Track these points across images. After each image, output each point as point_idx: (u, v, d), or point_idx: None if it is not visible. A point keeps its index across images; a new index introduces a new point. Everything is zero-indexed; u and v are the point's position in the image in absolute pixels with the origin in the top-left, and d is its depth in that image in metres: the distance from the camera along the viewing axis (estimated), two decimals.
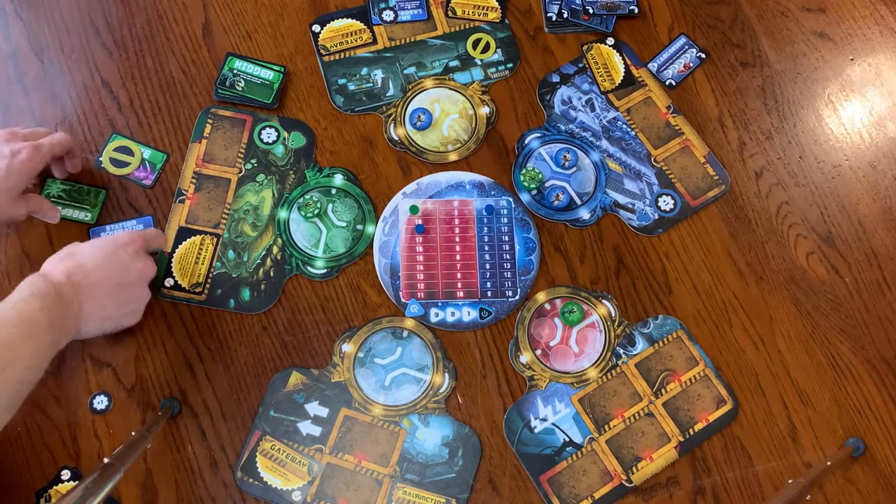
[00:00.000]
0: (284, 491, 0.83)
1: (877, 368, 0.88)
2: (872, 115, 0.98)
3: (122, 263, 0.79)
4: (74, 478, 0.83)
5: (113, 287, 0.78)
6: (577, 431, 0.86)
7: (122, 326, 0.82)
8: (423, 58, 0.99)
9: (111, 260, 0.78)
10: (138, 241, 0.82)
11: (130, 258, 0.80)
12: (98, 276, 0.76)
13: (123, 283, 0.79)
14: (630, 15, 1.01)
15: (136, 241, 0.82)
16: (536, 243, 0.92)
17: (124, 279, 0.79)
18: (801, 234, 0.93)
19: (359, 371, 0.87)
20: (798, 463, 0.85)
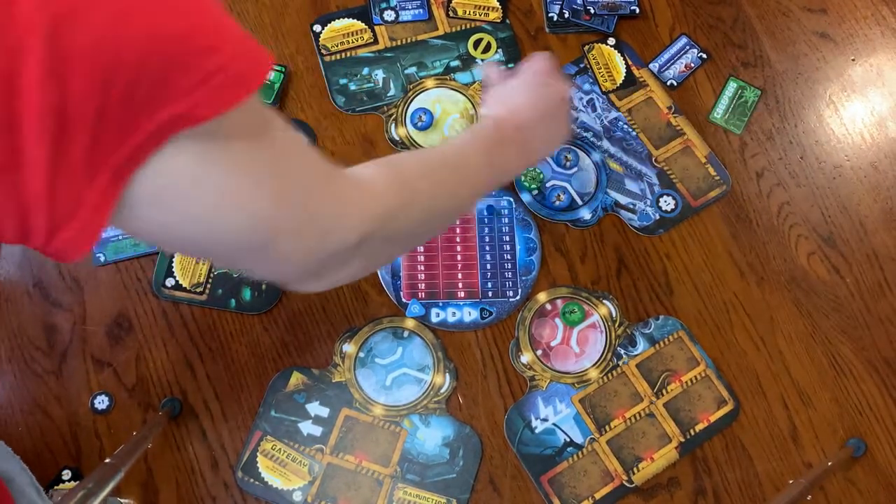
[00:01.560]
0: (285, 491, 0.83)
1: (877, 369, 0.88)
2: (874, 116, 0.98)
3: (545, 93, 0.80)
4: (75, 478, 0.83)
5: (541, 120, 0.79)
6: (577, 432, 0.86)
7: (558, 146, 0.87)
8: (424, 58, 0.99)
9: (535, 92, 0.79)
10: (546, 65, 0.82)
11: (549, 84, 0.80)
12: (529, 112, 0.78)
13: (549, 112, 0.79)
14: (631, 15, 1.01)
15: (546, 66, 0.82)
16: (537, 243, 0.91)
17: (550, 109, 0.79)
18: (803, 235, 0.93)
19: (359, 371, 0.87)
20: (799, 463, 0.85)
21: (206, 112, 0.39)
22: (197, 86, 0.38)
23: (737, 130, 0.97)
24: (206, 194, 0.43)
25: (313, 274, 0.55)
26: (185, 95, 0.38)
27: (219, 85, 0.39)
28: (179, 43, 0.38)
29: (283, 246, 0.49)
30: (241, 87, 0.41)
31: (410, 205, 0.59)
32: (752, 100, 0.98)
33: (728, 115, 0.98)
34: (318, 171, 0.52)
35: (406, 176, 0.62)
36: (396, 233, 0.58)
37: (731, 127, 0.97)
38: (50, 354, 0.87)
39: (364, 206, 0.54)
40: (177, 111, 0.38)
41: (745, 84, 0.99)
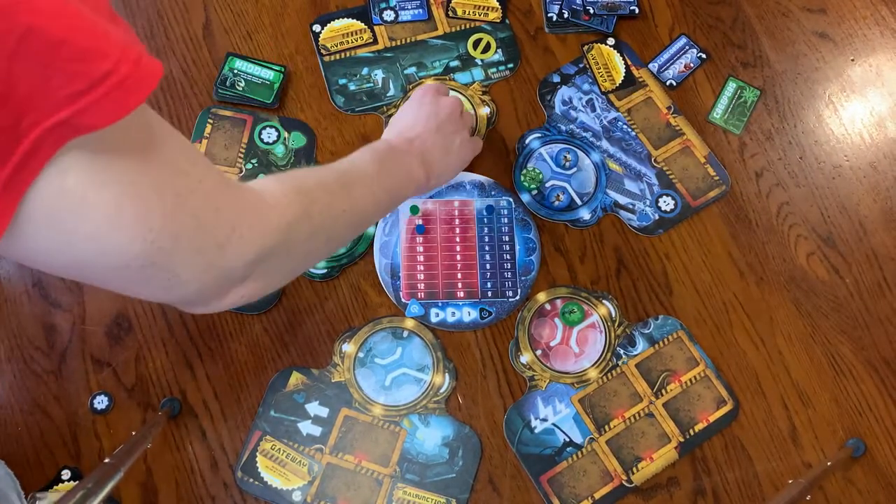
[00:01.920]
0: (285, 491, 0.83)
1: (877, 369, 0.88)
2: (873, 116, 0.98)
3: (429, 108, 0.83)
4: (75, 478, 0.83)
5: (434, 129, 0.82)
6: (577, 432, 0.86)
7: (465, 163, 0.87)
8: (423, 58, 0.99)
9: (420, 109, 0.83)
10: (429, 88, 0.86)
11: (433, 100, 0.84)
12: (418, 126, 0.81)
13: (440, 123, 0.82)
14: (631, 15, 1.01)
15: (428, 89, 0.86)
16: (537, 243, 0.92)
17: (438, 119, 0.83)
18: (802, 235, 0.93)
19: (359, 371, 0.87)
20: (798, 463, 0.85)
21: (93, 120, 0.38)
22: (83, 93, 0.37)
23: (736, 131, 0.97)
24: (96, 211, 0.42)
25: (212, 293, 0.53)
26: (70, 102, 0.36)
27: (107, 92, 0.37)
28: (60, 45, 0.36)
29: (178, 263, 0.47)
30: (130, 96, 0.39)
31: (309, 215, 0.58)
32: (752, 100, 0.98)
33: (727, 115, 0.98)
34: (211, 184, 0.49)
35: (303, 187, 0.60)
36: (296, 245, 0.57)
37: (730, 127, 0.97)
38: (49, 354, 0.87)
39: (262, 218, 0.53)
40: (62, 118, 0.37)
41: (744, 84, 0.99)
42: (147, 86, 0.39)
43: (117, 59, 0.38)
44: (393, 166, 0.75)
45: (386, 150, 0.76)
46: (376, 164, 0.72)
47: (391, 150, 0.77)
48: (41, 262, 0.46)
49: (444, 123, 0.83)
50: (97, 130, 0.38)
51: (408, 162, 0.77)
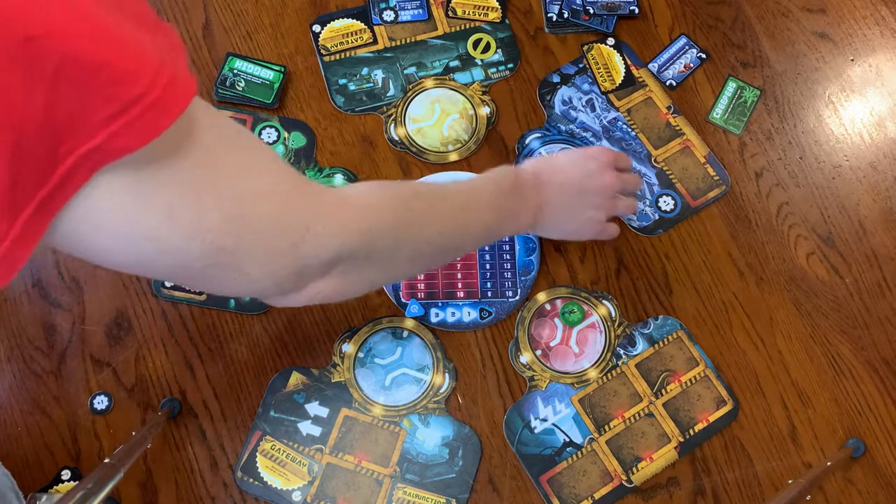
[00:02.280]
0: (284, 491, 0.83)
1: (877, 369, 0.88)
2: (873, 116, 0.98)
3: (588, 170, 0.79)
4: (74, 478, 0.83)
5: (574, 191, 0.78)
6: (577, 432, 0.86)
7: (579, 236, 0.83)
8: (423, 58, 0.99)
9: (579, 165, 0.79)
10: (608, 153, 0.81)
11: (598, 168, 0.79)
12: (563, 176, 0.77)
13: (584, 189, 0.78)
14: (630, 15, 1.01)
15: (606, 154, 0.81)
16: (537, 243, 0.92)
17: (585, 185, 0.78)
18: (802, 235, 0.93)
19: (359, 371, 0.87)
20: (798, 463, 0.85)
21: (127, 143, 0.38)
22: (116, 116, 0.37)
23: (736, 131, 0.97)
24: (148, 217, 0.42)
25: (288, 289, 0.52)
26: (103, 127, 0.36)
27: (139, 114, 0.37)
28: (96, 70, 0.36)
29: (245, 262, 0.47)
30: (162, 116, 0.39)
31: (396, 225, 0.57)
32: (752, 100, 0.98)
33: (727, 115, 0.98)
34: (284, 185, 0.49)
35: (402, 196, 0.59)
36: (378, 252, 0.56)
37: (730, 127, 0.97)
38: (49, 354, 0.87)
39: (341, 219, 0.52)
40: (96, 144, 0.37)
41: (744, 84, 0.99)
42: (179, 105, 0.39)
43: (150, 80, 0.38)
44: (507, 204, 0.72)
45: (511, 187, 0.73)
46: (492, 197, 0.70)
47: (515, 189, 0.73)
48: (103, 261, 0.46)
49: (589, 194, 0.79)
50: (131, 153, 0.38)
51: (523, 206, 0.74)
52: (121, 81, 0.37)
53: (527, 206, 0.75)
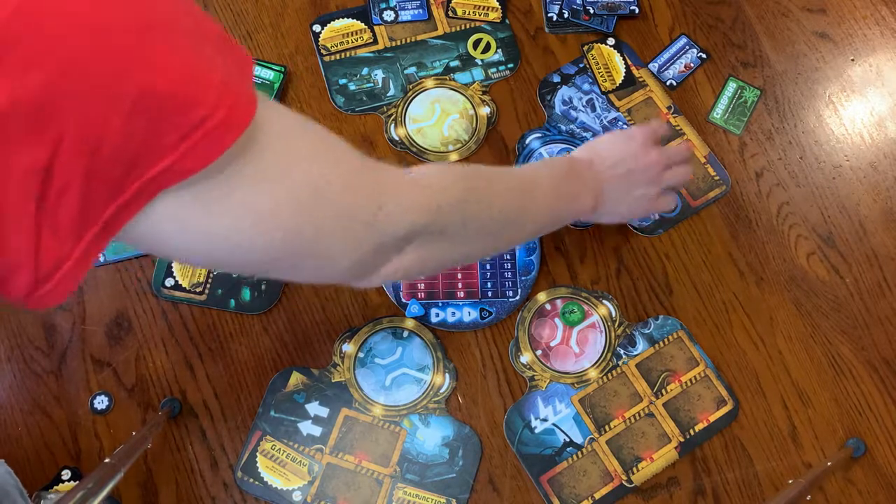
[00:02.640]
0: (285, 491, 0.83)
1: (877, 369, 0.88)
2: (873, 116, 0.98)
3: (631, 150, 0.81)
4: (75, 478, 0.83)
5: (623, 172, 0.79)
6: (577, 432, 0.86)
7: (634, 216, 0.85)
8: (423, 58, 0.99)
9: (621, 146, 0.81)
10: (644, 131, 0.83)
11: (640, 146, 0.81)
12: (611, 160, 0.79)
13: (631, 169, 0.80)
14: (631, 15, 1.01)
15: (645, 133, 0.83)
16: (537, 243, 0.91)
17: (631, 165, 0.80)
18: (802, 235, 0.93)
19: (359, 371, 0.87)
20: (798, 463, 0.85)
21: (192, 165, 0.39)
22: (180, 141, 0.38)
23: (736, 131, 0.97)
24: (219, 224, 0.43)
25: (367, 268, 0.54)
26: (169, 153, 0.38)
27: (201, 138, 0.38)
28: (169, 99, 0.37)
29: (325, 247, 0.49)
30: (225, 137, 0.40)
31: (463, 203, 0.59)
32: (752, 100, 0.98)
33: (728, 115, 0.98)
34: (351, 168, 0.51)
35: (464, 175, 0.61)
36: (452, 229, 0.58)
37: (730, 127, 0.97)
38: (49, 354, 0.87)
39: (410, 196, 0.54)
40: (163, 168, 0.38)
41: (744, 84, 0.99)
42: (240, 126, 0.40)
43: (214, 103, 0.39)
44: (567, 187, 0.74)
45: (568, 170, 0.75)
46: (551, 180, 0.72)
47: (572, 172, 0.75)
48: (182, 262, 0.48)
49: (637, 172, 0.80)
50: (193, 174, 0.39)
51: (583, 189, 0.76)
52: (188, 108, 0.38)
53: (587, 189, 0.77)
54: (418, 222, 0.54)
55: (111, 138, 0.36)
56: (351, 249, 0.51)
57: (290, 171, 0.46)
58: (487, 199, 0.63)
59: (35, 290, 0.38)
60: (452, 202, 0.57)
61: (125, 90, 0.35)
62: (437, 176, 0.58)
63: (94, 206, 0.38)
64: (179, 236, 0.43)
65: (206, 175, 0.40)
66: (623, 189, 0.80)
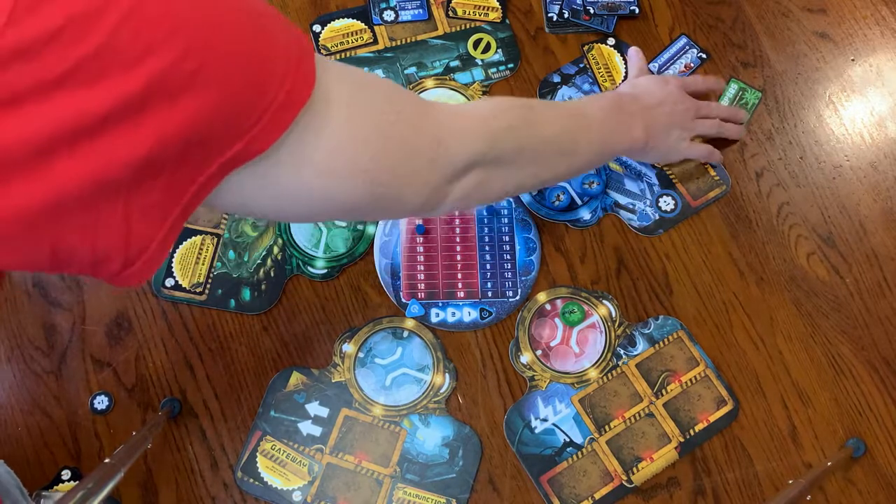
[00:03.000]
0: (285, 491, 0.83)
1: (877, 369, 0.88)
2: (873, 116, 0.98)
3: (669, 91, 0.83)
4: (75, 478, 0.83)
5: (667, 110, 0.82)
6: (577, 432, 0.86)
7: (669, 158, 0.87)
8: (423, 58, 0.99)
9: (661, 87, 0.84)
10: (676, 78, 0.86)
11: (677, 90, 0.84)
12: (653, 98, 0.81)
13: (671, 111, 0.83)
14: (631, 15, 1.01)
15: (676, 79, 0.86)
16: (537, 243, 0.92)
17: (670, 107, 0.82)
18: (802, 235, 0.93)
19: (359, 371, 0.87)
20: (798, 463, 0.85)
21: (260, 146, 0.41)
22: (255, 123, 0.40)
23: None
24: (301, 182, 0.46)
25: (437, 198, 0.57)
26: (245, 133, 0.40)
27: (269, 120, 0.40)
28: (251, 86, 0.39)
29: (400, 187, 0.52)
30: (287, 113, 0.42)
31: (518, 129, 0.61)
32: (753, 102, 0.98)
33: None
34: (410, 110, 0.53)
35: (514, 105, 0.64)
36: (508, 155, 0.60)
37: None
38: (49, 354, 0.87)
39: (464, 127, 0.56)
40: (238, 149, 0.40)
41: (746, 86, 0.98)
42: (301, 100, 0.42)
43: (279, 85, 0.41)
44: (618, 117, 0.76)
45: (616, 103, 0.77)
46: (602, 112, 0.73)
47: (621, 104, 0.77)
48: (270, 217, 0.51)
49: (676, 114, 0.83)
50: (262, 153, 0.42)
51: (632, 121, 0.78)
52: (263, 92, 0.40)
53: (636, 121, 0.78)
54: (476, 150, 0.56)
55: (202, 127, 0.38)
56: (421, 186, 0.54)
57: (359, 123, 0.48)
58: (539, 125, 0.65)
59: (123, 270, 0.40)
60: (505, 127, 0.60)
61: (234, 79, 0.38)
62: (488, 107, 0.61)
63: (178, 189, 0.39)
64: (254, 201, 0.45)
65: (276, 148, 0.42)
66: (666, 127, 0.82)
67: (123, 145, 0.35)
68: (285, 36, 0.43)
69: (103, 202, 0.36)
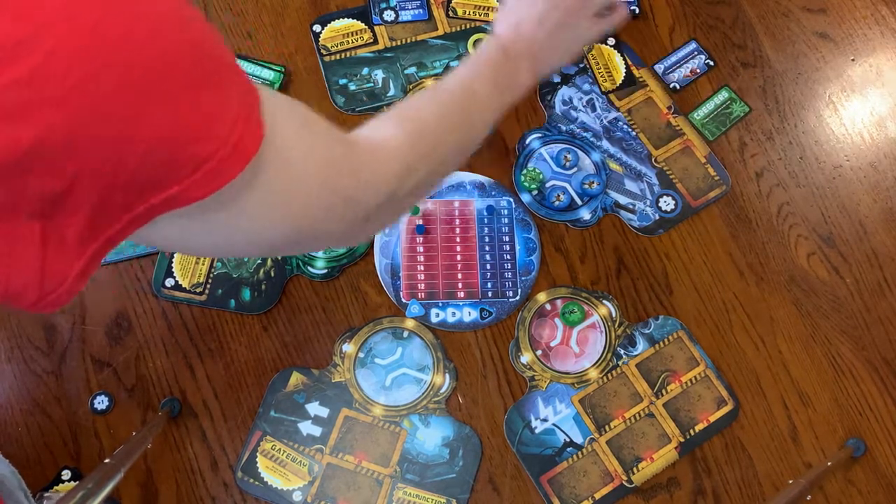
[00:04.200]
0: (285, 491, 0.83)
1: (877, 369, 0.88)
2: (873, 116, 0.98)
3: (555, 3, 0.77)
4: (75, 478, 0.83)
5: (551, 26, 0.76)
6: (577, 432, 0.86)
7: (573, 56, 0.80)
8: (424, 58, 0.99)
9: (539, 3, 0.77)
10: None
11: None
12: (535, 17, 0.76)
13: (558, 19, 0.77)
14: (631, 15, 1.01)
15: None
16: (537, 244, 0.92)
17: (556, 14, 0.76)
18: (802, 235, 0.93)
19: (359, 371, 0.87)
20: (798, 463, 0.85)
21: (197, 194, 0.40)
22: (192, 172, 0.39)
23: (710, 137, 0.97)
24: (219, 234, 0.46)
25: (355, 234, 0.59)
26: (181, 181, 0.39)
27: (211, 169, 0.40)
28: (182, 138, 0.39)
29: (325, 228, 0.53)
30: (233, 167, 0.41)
31: (428, 155, 0.62)
32: (737, 114, 0.97)
33: (708, 119, 0.97)
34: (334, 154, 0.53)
35: (421, 127, 0.64)
36: (419, 179, 0.61)
37: (705, 131, 0.97)
38: (49, 354, 0.87)
39: (383, 166, 0.57)
40: (172, 194, 0.40)
41: (736, 98, 0.98)
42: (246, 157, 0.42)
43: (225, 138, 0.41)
44: (504, 78, 0.73)
45: (498, 59, 0.73)
46: (492, 86, 0.71)
47: (503, 58, 0.73)
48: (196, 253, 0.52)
49: (563, 18, 0.77)
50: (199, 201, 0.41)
51: (517, 69, 0.74)
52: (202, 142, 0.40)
53: (521, 67, 0.75)
54: (393, 187, 0.57)
55: (126, 173, 0.37)
56: (340, 223, 0.55)
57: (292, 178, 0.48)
58: (446, 137, 0.66)
59: (39, 300, 0.39)
60: (420, 156, 0.61)
61: (144, 133, 0.37)
62: (400, 137, 0.61)
63: (100, 225, 0.39)
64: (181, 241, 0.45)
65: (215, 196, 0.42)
66: (556, 40, 0.77)
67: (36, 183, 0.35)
68: (235, 83, 0.43)
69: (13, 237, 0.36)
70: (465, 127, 0.68)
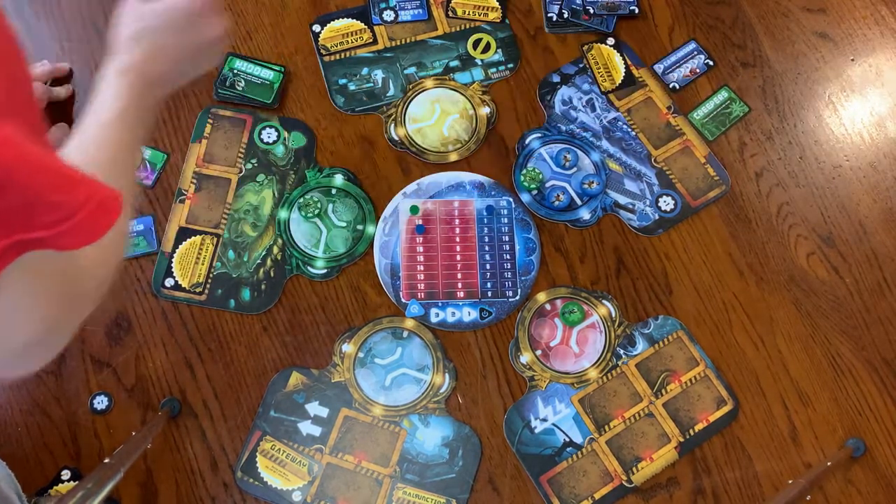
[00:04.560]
0: (284, 491, 0.83)
1: (877, 369, 0.88)
2: (873, 116, 0.98)
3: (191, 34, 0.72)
4: (74, 478, 0.83)
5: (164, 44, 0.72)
6: (577, 432, 0.86)
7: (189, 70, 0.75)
8: (423, 58, 0.99)
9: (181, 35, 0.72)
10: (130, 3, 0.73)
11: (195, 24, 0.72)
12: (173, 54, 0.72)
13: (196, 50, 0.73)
14: (630, 15, 1.01)
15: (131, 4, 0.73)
16: (537, 243, 0.92)
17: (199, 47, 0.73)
18: (802, 235, 0.93)
19: (359, 371, 0.87)
20: (798, 463, 0.85)
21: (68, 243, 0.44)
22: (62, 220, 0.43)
23: (710, 137, 0.97)
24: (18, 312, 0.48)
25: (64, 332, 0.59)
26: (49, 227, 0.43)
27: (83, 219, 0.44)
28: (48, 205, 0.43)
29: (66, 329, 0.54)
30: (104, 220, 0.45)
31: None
32: (737, 114, 0.97)
33: (707, 119, 0.97)
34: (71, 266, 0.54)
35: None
36: None
37: (705, 131, 0.97)
38: None
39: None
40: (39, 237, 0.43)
41: (736, 97, 0.98)
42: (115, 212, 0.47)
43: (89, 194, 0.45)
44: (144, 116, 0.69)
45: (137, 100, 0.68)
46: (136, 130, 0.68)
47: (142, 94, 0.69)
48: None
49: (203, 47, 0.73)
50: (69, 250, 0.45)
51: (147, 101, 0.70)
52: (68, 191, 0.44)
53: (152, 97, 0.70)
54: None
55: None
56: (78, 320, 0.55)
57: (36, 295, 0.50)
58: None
59: None
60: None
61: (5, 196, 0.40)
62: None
63: None
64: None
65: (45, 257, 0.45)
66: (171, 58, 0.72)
67: None
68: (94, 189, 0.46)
69: None
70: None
